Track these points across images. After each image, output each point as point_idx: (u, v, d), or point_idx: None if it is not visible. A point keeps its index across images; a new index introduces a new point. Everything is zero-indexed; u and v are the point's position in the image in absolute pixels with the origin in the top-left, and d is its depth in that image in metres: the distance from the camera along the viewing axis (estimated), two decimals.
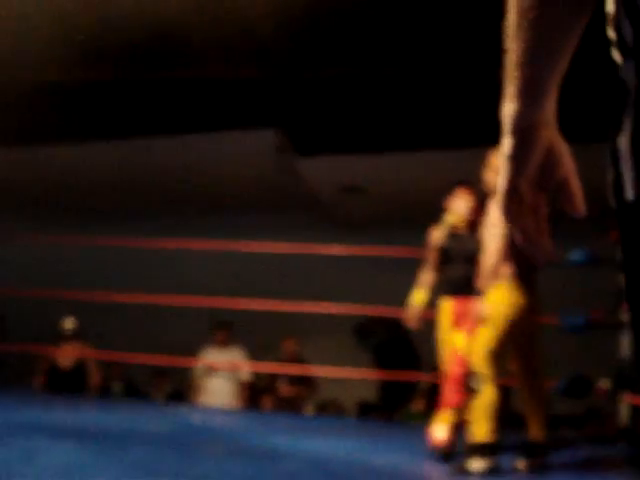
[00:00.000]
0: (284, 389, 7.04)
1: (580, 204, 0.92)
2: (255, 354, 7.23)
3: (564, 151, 0.92)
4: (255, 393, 7.31)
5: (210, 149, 7.09)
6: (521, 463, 3.46)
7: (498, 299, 3.57)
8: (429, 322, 8.28)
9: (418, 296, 4.34)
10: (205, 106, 6.28)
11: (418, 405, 7.95)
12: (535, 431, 3.53)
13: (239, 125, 6.44)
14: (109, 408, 5.49)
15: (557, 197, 0.94)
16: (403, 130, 6.65)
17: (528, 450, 3.50)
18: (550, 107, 0.91)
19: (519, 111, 0.89)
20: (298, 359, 7.23)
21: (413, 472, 3.23)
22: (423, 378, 9.24)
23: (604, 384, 5.17)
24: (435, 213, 9.36)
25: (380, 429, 5.38)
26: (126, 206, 9.20)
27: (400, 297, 8.29)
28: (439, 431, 3.69)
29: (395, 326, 9.96)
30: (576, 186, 0.92)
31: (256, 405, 7.24)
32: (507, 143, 0.90)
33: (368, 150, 7.01)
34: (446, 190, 5.05)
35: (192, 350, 6.99)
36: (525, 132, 0.89)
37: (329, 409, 8.79)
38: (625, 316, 5.23)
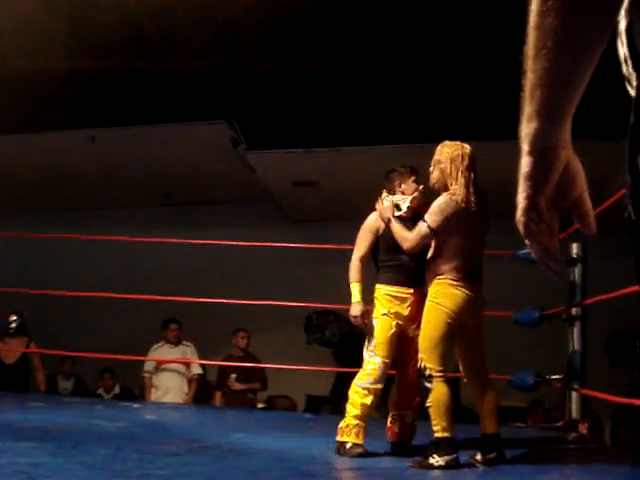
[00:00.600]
0: (235, 384, 6.99)
1: (592, 222, 0.95)
2: (206, 350, 7.19)
3: (579, 170, 0.94)
4: (206, 389, 7.26)
5: (162, 141, 7.01)
6: (478, 457, 3.49)
7: (442, 294, 3.53)
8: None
9: (359, 289, 4.06)
10: (158, 98, 6.21)
11: None
12: (489, 424, 3.54)
13: (192, 118, 6.38)
14: (59, 406, 5.37)
15: (570, 214, 0.96)
16: (356, 125, 6.67)
17: (484, 444, 3.53)
18: (569, 127, 0.91)
19: (540, 131, 0.89)
20: (248, 354, 7.19)
21: (375, 467, 3.24)
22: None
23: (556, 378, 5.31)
24: None
25: (333, 423, 5.37)
26: (75, 199, 9.04)
27: (349, 291, 8.34)
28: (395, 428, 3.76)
29: (347, 320, 10.03)
30: (589, 204, 0.95)
31: (207, 401, 7.19)
32: (526, 162, 0.90)
33: (320, 145, 7.01)
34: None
35: (142, 347, 6.90)
36: (545, 152, 0.90)
37: (279, 404, 8.78)
38: (575, 310, 5.37)
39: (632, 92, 0.92)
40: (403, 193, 4.04)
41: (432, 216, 3.60)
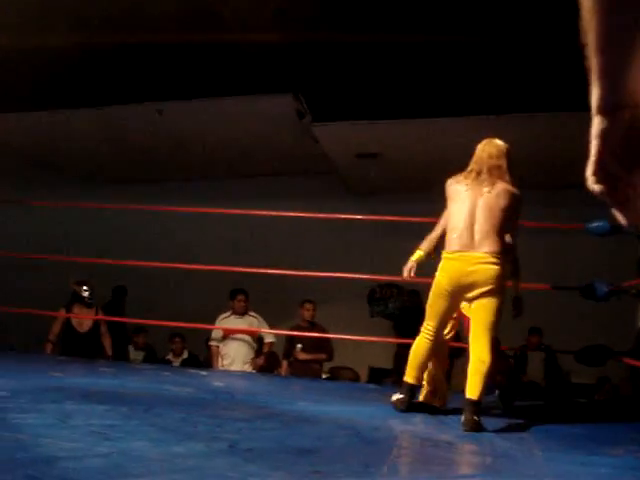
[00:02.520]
0: (301, 354, 7.08)
1: None
2: (270, 321, 7.29)
3: None
4: (272, 359, 7.39)
5: (228, 114, 7.08)
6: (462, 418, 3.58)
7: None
8: None
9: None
10: (223, 70, 6.26)
11: None
12: (468, 389, 3.66)
13: (257, 90, 6.42)
14: (129, 372, 5.54)
15: None
16: (420, 97, 6.61)
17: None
18: (635, 86, 0.95)
19: (600, 95, 0.95)
20: (315, 325, 7.27)
21: (439, 438, 3.26)
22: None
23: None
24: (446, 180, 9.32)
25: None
26: (142, 171, 9.23)
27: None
28: None
29: (410, 293, 10.03)
30: None
31: (272, 370, 7.33)
32: (594, 122, 0.97)
33: (384, 116, 6.97)
34: (459, 157, 4.95)
35: (210, 318, 7.05)
36: (608, 113, 0.95)
37: (342, 375, 8.88)
38: None
39: None
40: None
41: None
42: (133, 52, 6.06)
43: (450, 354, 4.57)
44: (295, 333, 7.06)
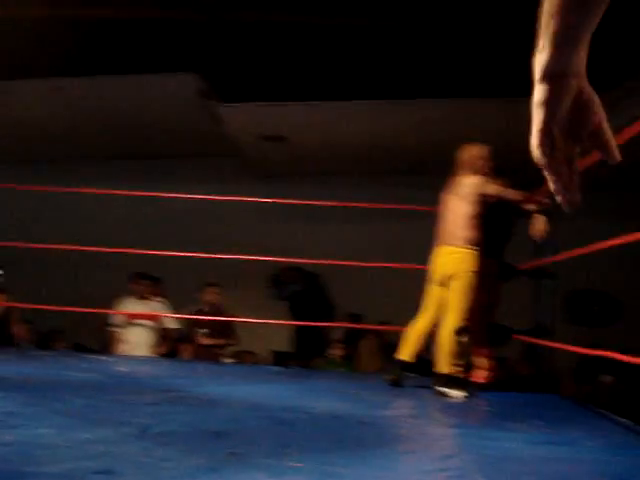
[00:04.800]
0: (204, 339, 6.98)
1: (615, 151, 0.95)
2: (172, 305, 7.14)
3: (596, 101, 0.95)
4: (174, 343, 7.25)
5: (129, 92, 6.86)
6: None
7: None
8: (348, 270, 8.40)
9: None
10: (126, 47, 6.04)
11: (336, 352, 8.08)
12: (440, 366, 4.24)
13: (161, 68, 6.23)
14: (26, 359, 5.30)
15: (591, 146, 0.96)
16: (328, 80, 6.60)
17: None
18: (582, 57, 0.93)
19: (551, 59, 0.91)
20: (218, 309, 7.18)
21: (351, 415, 3.27)
22: (338, 325, 9.41)
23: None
24: (356, 164, 9.43)
25: (305, 376, 5.43)
26: (40, 151, 8.84)
27: (317, 247, 8.39)
28: None
29: (310, 276, 10.07)
30: (609, 134, 0.95)
31: (174, 355, 7.18)
32: (538, 90, 0.93)
33: (291, 98, 6.92)
34: (366, 141, 4.96)
35: (111, 302, 6.84)
36: (556, 79, 0.91)
37: (246, 359, 8.83)
38: (547, 266, 5.44)
39: None
40: None
41: None
42: (32, 26, 5.78)
43: None
44: (199, 317, 6.95)
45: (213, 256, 6.31)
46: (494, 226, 4.64)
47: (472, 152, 4.56)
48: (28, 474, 1.85)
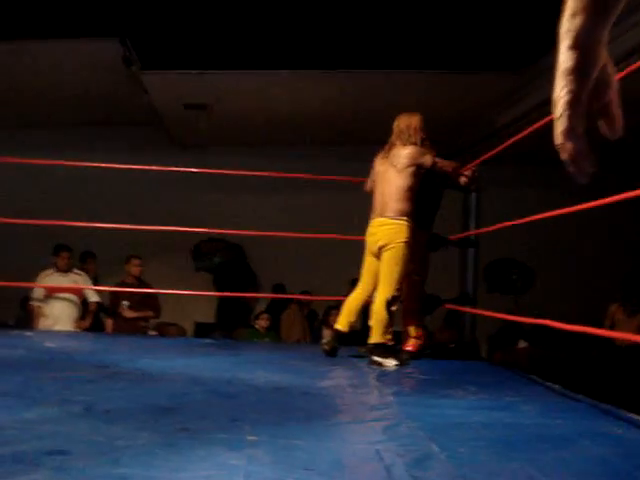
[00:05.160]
0: (127, 312, 6.87)
1: (619, 126, 0.96)
2: (99, 276, 6.99)
3: (613, 72, 0.95)
4: (97, 316, 7.10)
5: (48, 58, 6.57)
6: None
7: None
8: (270, 241, 8.38)
9: None
10: (44, 10, 5.77)
11: (262, 323, 8.10)
12: (374, 336, 4.33)
13: (83, 33, 5.99)
14: None
15: (599, 117, 0.96)
16: (253, 48, 6.50)
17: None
18: (609, 26, 0.91)
19: (585, 26, 0.89)
20: (141, 281, 7.07)
21: (294, 386, 3.29)
22: (263, 296, 9.43)
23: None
24: (278, 134, 9.38)
25: (235, 347, 5.42)
26: None
27: (239, 218, 8.34)
28: None
29: (233, 247, 10.03)
30: (618, 109, 0.95)
31: (96, 329, 7.03)
32: (569, 56, 0.91)
33: (215, 67, 6.80)
34: (292, 110, 4.88)
35: (30, 275, 6.62)
36: (590, 47, 0.90)
37: (169, 331, 8.74)
38: (471, 237, 5.60)
39: None
40: None
41: None
42: None
43: None
44: (122, 290, 6.83)
45: (136, 227, 6.18)
46: (424, 197, 4.71)
47: (408, 121, 4.57)
48: None
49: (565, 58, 0.91)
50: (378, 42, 6.37)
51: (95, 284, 7.35)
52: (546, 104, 1.10)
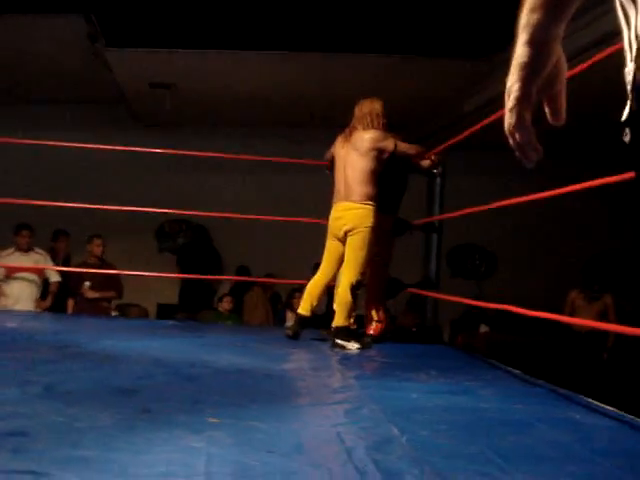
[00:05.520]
0: (89, 292, 6.80)
1: (563, 116, 1.01)
2: (69, 255, 6.89)
3: (565, 65, 0.99)
4: (58, 296, 7.01)
5: (10, 32, 6.43)
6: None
7: None
8: (235, 223, 8.36)
9: None
10: None
11: (225, 305, 8.09)
12: (338, 319, 4.38)
13: (47, 9, 5.86)
14: None
15: (546, 105, 1.01)
16: (220, 27, 6.44)
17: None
18: (565, 24, 0.95)
19: (542, 23, 0.92)
20: (104, 262, 7.00)
21: (256, 368, 3.30)
22: (227, 279, 9.41)
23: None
24: (243, 116, 9.32)
25: (198, 329, 5.40)
26: None
27: (203, 199, 8.30)
28: None
29: (197, 228, 9.98)
30: (564, 99, 1.01)
31: (56, 309, 6.95)
32: (524, 52, 0.94)
33: (181, 45, 6.73)
34: (257, 92, 4.73)
35: None
36: (545, 44, 0.93)
37: (131, 312, 8.69)
38: (435, 222, 5.63)
39: None
40: None
41: None
42: None
43: None
44: (83, 270, 6.74)
45: (100, 207, 6.10)
46: (389, 182, 4.73)
47: (370, 106, 4.58)
48: None
49: (521, 53, 0.94)
50: (346, 24, 6.35)
51: (65, 263, 7.27)
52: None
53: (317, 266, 7.96)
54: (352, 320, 4.46)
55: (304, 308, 4.51)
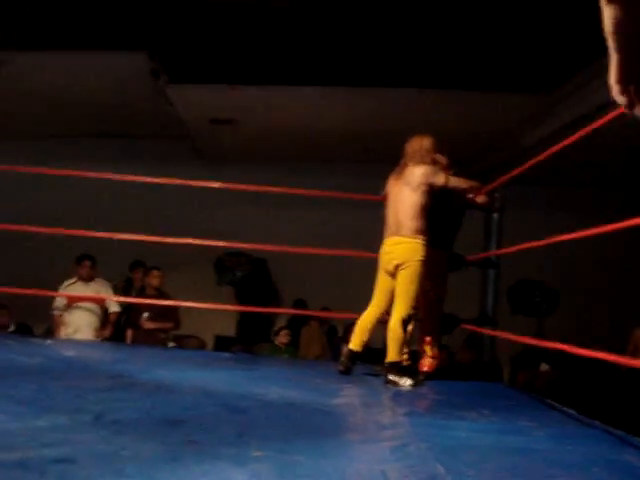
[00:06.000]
0: (147, 323, 6.90)
1: None
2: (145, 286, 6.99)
3: None
4: (119, 326, 7.14)
5: (76, 69, 6.66)
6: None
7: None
8: (292, 257, 8.39)
9: None
10: (74, 22, 5.87)
11: (282, 339, 8.09)
12: (390, 355, 4.31)
13: (111, 46, 6.07)
14: None
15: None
16: (280, 63, 6.55)
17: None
18: None
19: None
20: (162, 293, 7.10)
21: (305, 403, 3.28)
22: (284, 312, 9.44)
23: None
24: (302, 151, 9.40)
25: (253, 362, 5.42)
26: None
27: (262, 233, 8.36)
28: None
29: (256, 262, 10.05)
30: None
31: (115, 339, 7.07)
32: (607, 15, 1.05)
33: (242, 81, 6.86)
34: (318, 127, 4.84)
35: (53, 284, 6.68)
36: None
37: (188, 343, 8.76)
38: (491, 257, 5.55)
39: None
40: None
41: None
42: None
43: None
44: (143, 301, 6.85)
45: (162, 240, 6.21)
46: (444, 217, 4.70)
47: (420, 143, 4.61)
48: None
49: (606, 16, 1.06)
50: (406, 59, 6.39)
51: (142, 293, 7.31)
52: (571, 126, 1.18)
53: None
54: (406, 356, 4.42)
55: (355, 343, 4.50)
